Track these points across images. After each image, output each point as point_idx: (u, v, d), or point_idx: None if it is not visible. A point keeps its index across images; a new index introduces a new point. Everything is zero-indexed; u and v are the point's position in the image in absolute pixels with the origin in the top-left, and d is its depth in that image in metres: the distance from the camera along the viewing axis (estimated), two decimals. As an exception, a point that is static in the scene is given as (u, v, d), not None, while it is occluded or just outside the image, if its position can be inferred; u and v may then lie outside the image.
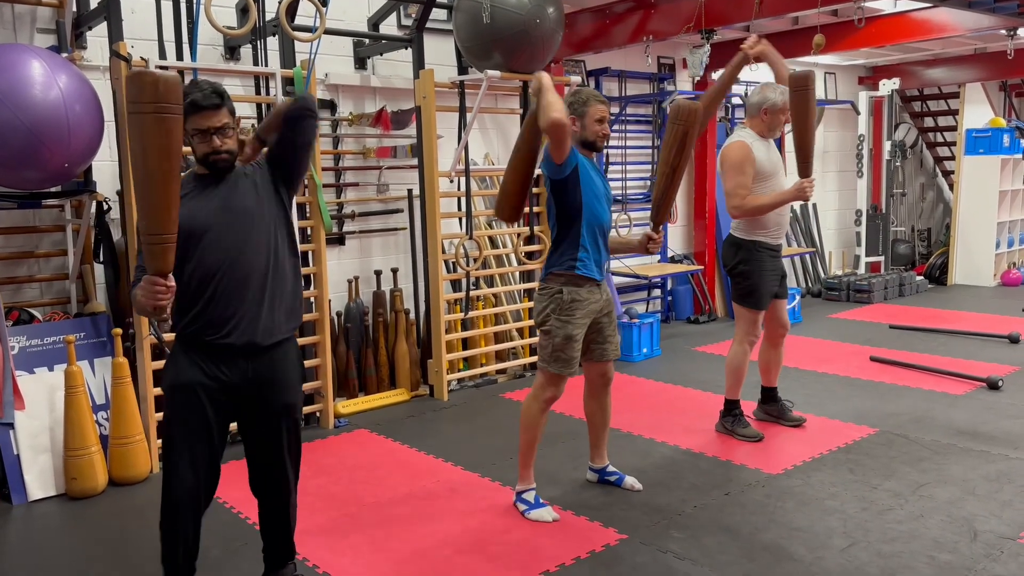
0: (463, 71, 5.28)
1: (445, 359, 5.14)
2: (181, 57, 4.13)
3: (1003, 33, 6.18)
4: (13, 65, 3.41)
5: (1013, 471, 3.66)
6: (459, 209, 5.34)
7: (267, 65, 4.46)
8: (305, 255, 4.51)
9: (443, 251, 5.20)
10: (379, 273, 5.31)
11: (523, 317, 5.66)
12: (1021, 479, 3.57)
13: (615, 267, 6.48)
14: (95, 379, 3.99)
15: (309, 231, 4.51)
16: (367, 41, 5.30)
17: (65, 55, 3.91)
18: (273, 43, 4.58)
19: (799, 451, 3.98)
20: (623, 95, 6.96)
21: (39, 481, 3.68)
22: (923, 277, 8.86)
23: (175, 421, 2.48)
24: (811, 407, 4.62)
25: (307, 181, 4.42)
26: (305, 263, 4.48)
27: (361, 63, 5.35)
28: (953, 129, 9.36)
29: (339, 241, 5.27)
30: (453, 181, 5.23)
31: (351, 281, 5.19)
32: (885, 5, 6.05)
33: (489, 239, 5.64)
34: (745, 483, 3.62)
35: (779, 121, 4.06)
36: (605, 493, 3.55)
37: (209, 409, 2.45)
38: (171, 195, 2.16)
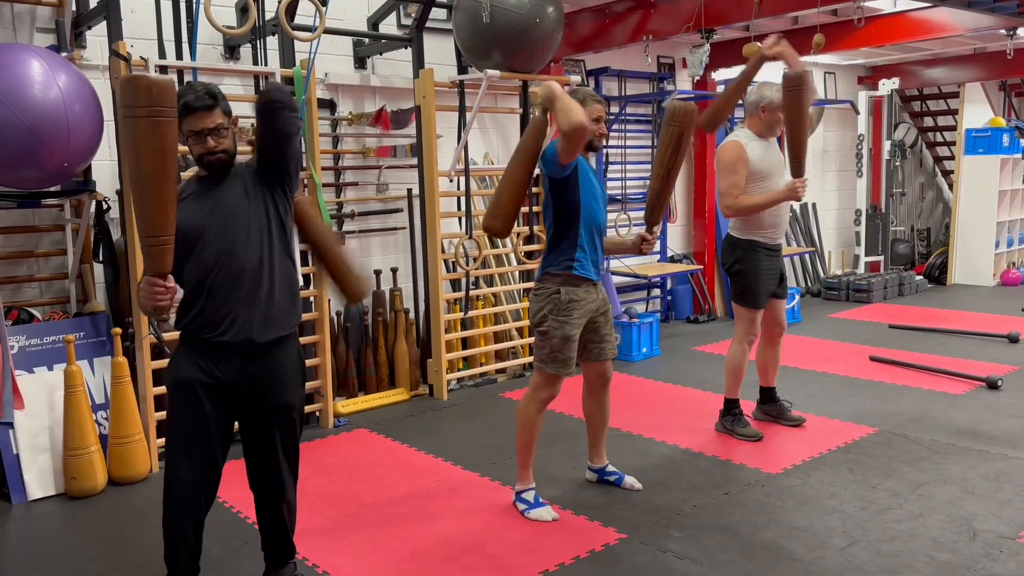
0: (463, 71, 5.28)
1: (445, 358, 5.14)
2: (181, 57, 4.12)
3: (1003, 33, 6.18)
4: (12, 64, 3.41)
5: (1012, 470, 3.66)
6: (459, 209, 5.34)
7: (267, 65, 4.45)
8: (305, 255, 4.50)
9: (443, 250, 5.20)
10: (379, 272, 5.31)
11: (523, 316, 5.66)
12: (1020, 478, 3.57)
13: (615, 267, 6.49)
14: (94, 378, 4.00)
15: (309, 231, 4.50)
16: (367, 41, 5.30)
17: (65, 54, 3.91)
18: (273, 42, 4.58)
19: (798, 451, 3.98)
20: (623, 95, 6.96)
21: (39, 480, 3.68)
22: (922, 277, 8.86)
23: (175, 418, 2.50)
24: (810, 407, 4.62)
25: (306, 181, 4.42)
26: (305, 263, 4.47)
27: (361, 63, 5.35)
28: (953, 129, 9.36)
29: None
30: (453, 180, 5.23)
31: (351, 281, 5.18)
32: (885, 5, 6.05)
33: (488, 239, 5.64)
34: (744, 483, 3.62)
35: (778, 119, 4.06)
36: (604, 493, 3.55)
37: (208, 407, 2.45)
38: (167, 198, 2.16)
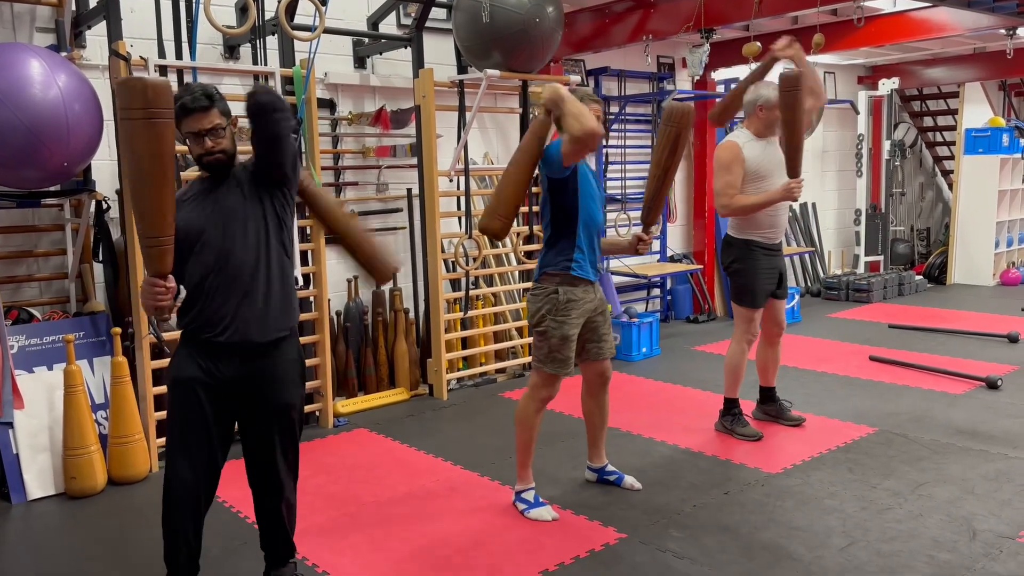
0: (462, 70, 5.28)
1: (444, 358, 5.14)
2: (180, 56, 4.12)
3: (1002, 33, 6.18)
4: (12, 64, 3.40)
5: (1012, 470, 3.66)
6: (458, 208, 5.34)
7: (266, 64, 4.45)
8: (305, 254, 4.51)
9: (442, 250, 5.20)
10: (378, 272, 5.31)
11: (522, 316, 5.66)
12: (1020, 478, 3.57)
13: (615, 266, 6.49)
14: (94, 378, 3.99)
15: (309, 230, 4.51)
16: (366, 40, 5.29)
17: (64, 54, 3.90)
18: (272, 42, 4.57)
19: (798, 450, 3.98)
20: (622, 94, 6.96)
21: (38, 480, 3.68)
22: (922, 276, 8.86)
23: (175, 418, 2.50)
24: (810, 406, 4.62)
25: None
26: (305, 262, 4.48)
27: (360, 62, 5.34)
28: (952, 129, 9.36)
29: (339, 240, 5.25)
30: (452, 180, 5.23)
31: (350, 280, 5.19)
32: (884, 5, 6.05)
33: (488, 238, 5.63)
34: (744, 482, 3.62)
35: (776, 117, 4.04)
36: (604, 492, 3.55)
37: (207, 406, 2.46)
38: (165, 199, 2.16)
